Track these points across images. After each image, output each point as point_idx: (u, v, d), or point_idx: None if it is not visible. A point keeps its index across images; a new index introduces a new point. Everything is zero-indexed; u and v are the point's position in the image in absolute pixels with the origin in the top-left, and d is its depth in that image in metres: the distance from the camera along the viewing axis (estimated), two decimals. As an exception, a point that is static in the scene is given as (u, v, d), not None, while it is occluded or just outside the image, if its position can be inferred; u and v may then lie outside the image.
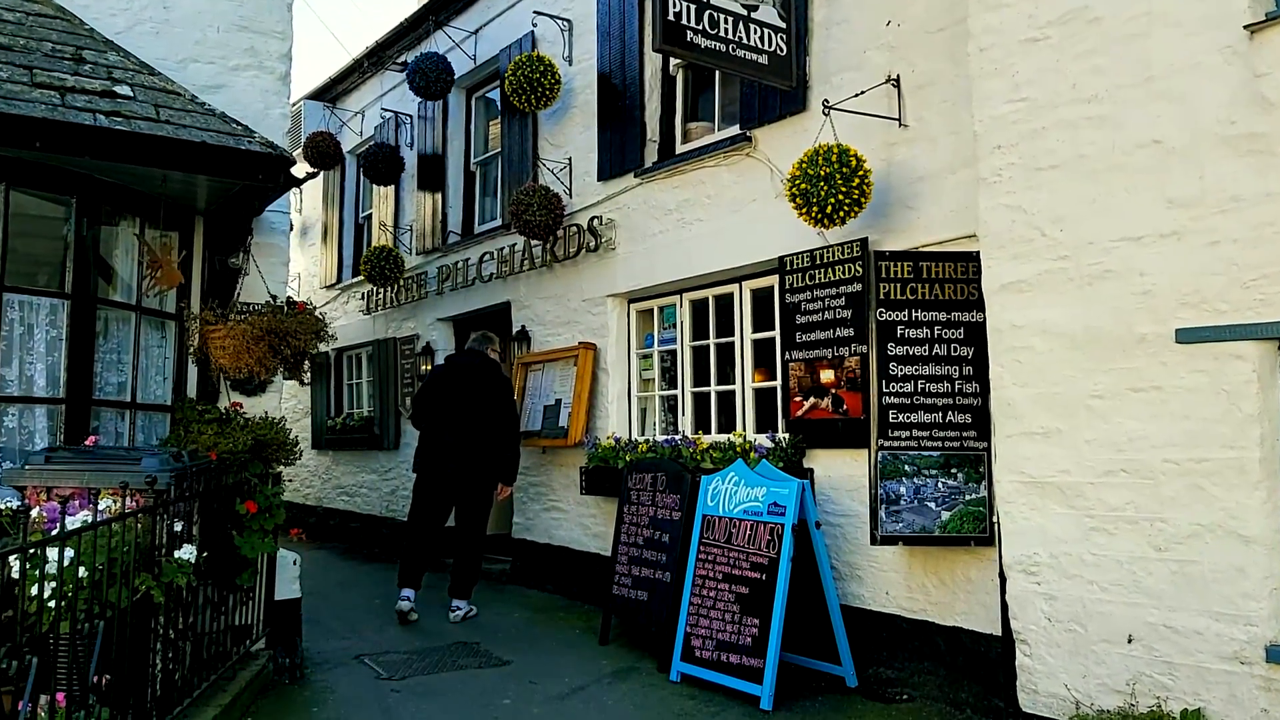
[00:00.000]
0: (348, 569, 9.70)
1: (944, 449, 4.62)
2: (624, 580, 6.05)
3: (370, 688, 5.32)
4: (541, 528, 8.02)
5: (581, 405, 7.32)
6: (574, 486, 7.59)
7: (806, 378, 5.53)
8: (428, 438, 7.00)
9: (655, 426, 7.21)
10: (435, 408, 7.01)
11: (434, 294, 9.72)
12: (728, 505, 5.30)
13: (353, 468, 11.43)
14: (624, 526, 6.18)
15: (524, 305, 8.39)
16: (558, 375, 7.79)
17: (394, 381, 10.38)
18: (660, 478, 5.98)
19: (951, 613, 4.76)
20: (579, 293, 7.69)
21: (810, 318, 5.52)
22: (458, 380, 7.00)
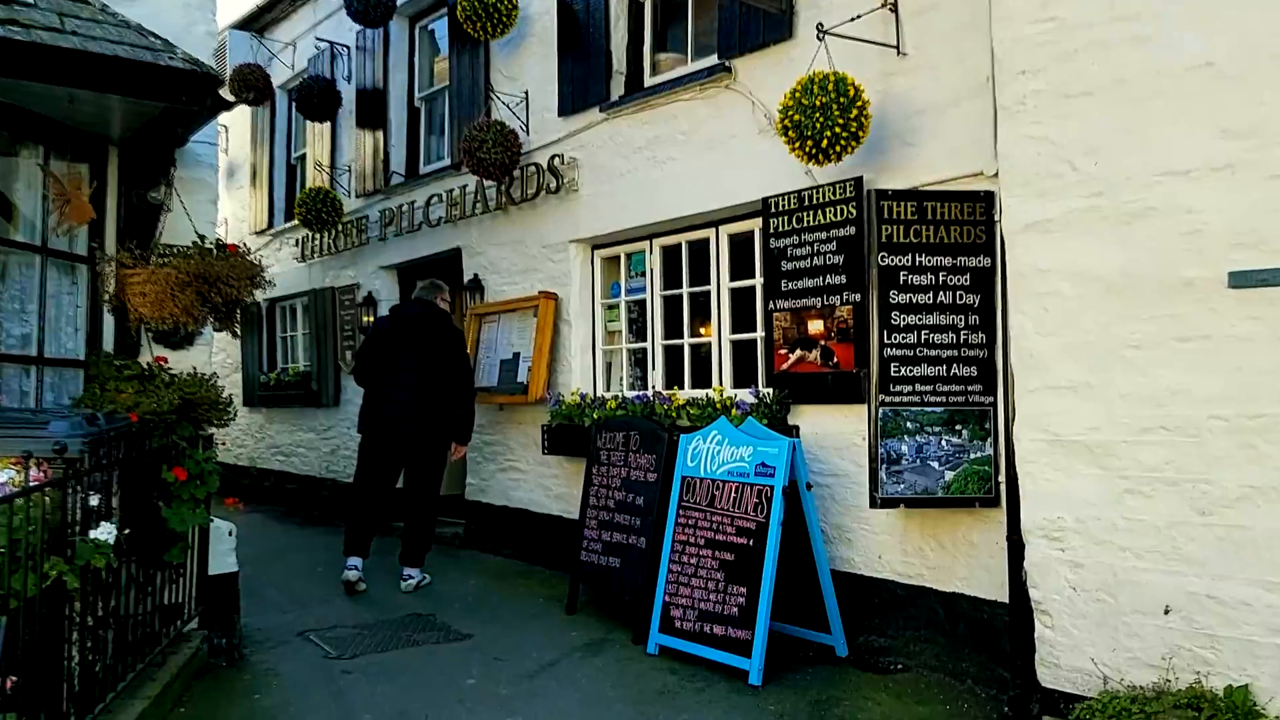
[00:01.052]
0: (287, 534, 9.17)
1: (948, 404, 4.31)
2: (593, 546, 5.68)
3: (318, 668, 4.88)
4: (498, 489, 7.60)
5: (542, 359, 6.87)
6: (534, 446, 7.17)
7: (793, 329, 5.16)
8: (373, 395, 6.50)
9: (623, 382, 6.81)
10: (380, 363, 6.51)
11: (376, 240, 9.12)
12: (710, 466, 4.94)
13: (289, 426, 10.83)
14: (593, 489, 5.80)
15: (476, 252, 7.87)
16: (515, 327, 7.32)
17: (333, 334, 9.78)
18: (633, 437, 5.59)
19: (951, 578, 4.49)
20: (538, 238, 7.20)
21: (798, 264, 5.14)
22: (404, 332, 6.49)
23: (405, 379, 6.38)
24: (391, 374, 6.43)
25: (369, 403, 6.53)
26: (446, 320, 6.61)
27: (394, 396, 6.38)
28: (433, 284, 6.81)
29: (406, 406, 6.35)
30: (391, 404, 6.38)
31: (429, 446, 6.47)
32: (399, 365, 6.42)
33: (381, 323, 6.75)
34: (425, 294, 6.75)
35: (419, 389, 6.37)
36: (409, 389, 6.37)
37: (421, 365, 6.39)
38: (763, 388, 5.39)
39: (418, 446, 6.43)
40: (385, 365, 6.47)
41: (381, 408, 6.42)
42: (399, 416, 6.35)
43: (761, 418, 5.15)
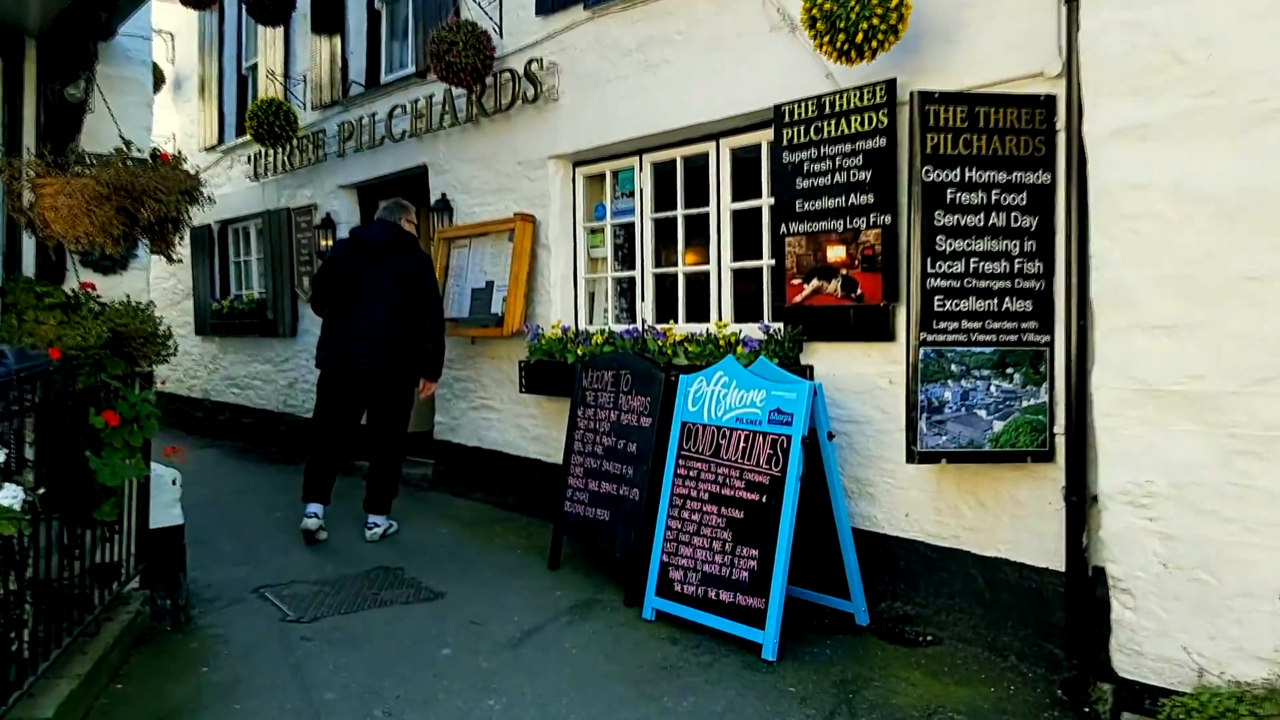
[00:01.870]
0: (241, 472, 8.46)
1: (999, 343, 3.68)
2: (579, 496, 5.05)
3: (275, 634, 4.26)
4: (469, 429, 6.93)
5: (519, 289, 6.14)
6: (509, 383, 6.49)
7: (809, 256, 4.49)
8: (333, 327, 5.76)
9: (608, 314, 6.12)
10: (339, 291, 5.76)
11: (334, 156, 8.23)
12: (715, 411, 4.30)
13: (244, 357, 10.02)
14: (578, 433, 5.15)
15: (444, 169, 7.05)
16: (488, 253, 6.57)
17: (289, 259, 8.94)
18: (625, 376, 4.92)
19: (992, 540, 3.93)
20: (513, 154, 6.40)
21: (816, 181, 4.44)
22: (366, 257, 5.74)
23: (367, 309, 5.65)
24: (351, 303, 5.69)
25: (327, 334, 5.79)
26: (413, 244, 5.85)
27: (354, 328, 5.66)
28: (397, 203, 6.04)
29: (368, 339, 5.63)
30: (352, 336, 5.65)
31: (394, 383, 5.77)
32: (359, 294, 5.68)
33: (340, 246, 5.97)
34: (389, 215, 5.98)
35: (382, 320, 5.64)
36: (371, 320, 5.64)
37: (385, 293, 5.66)
38: (771, 323, 4.73)
39: (382, 383, 5.73)
40: (344, 293, 5.73)
41: (341, 340, 5.69)
42: (360, 350, 5.63)
43: (771, 356, 4.51)
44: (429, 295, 5.76)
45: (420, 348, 5.77)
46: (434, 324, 5.79)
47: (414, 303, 5.71)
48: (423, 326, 5.75)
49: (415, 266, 5.73)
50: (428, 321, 5.76)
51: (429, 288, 5.76)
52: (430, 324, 5.77)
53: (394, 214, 5.97)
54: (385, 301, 5.66)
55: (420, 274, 5.73)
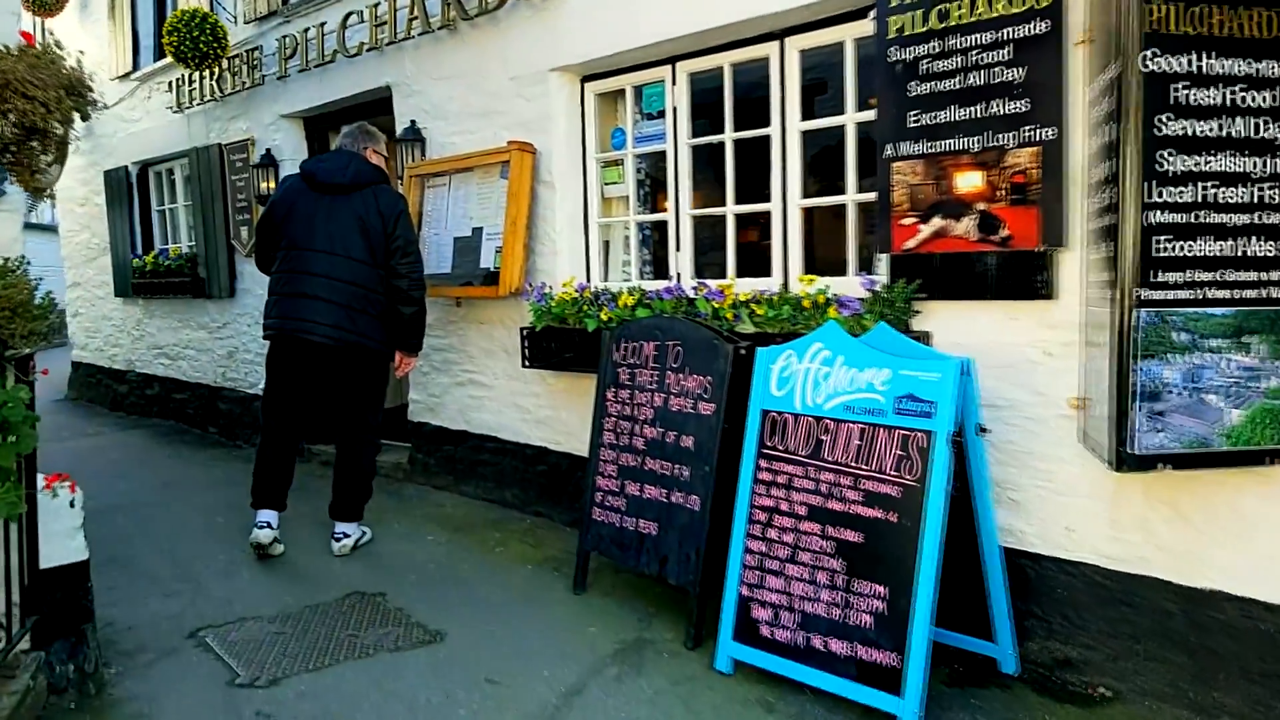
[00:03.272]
0: (174, 461, 7.26)
1: (1239, 301, 2.69)
2: (612, 502, 4.01)
3: (219, 707, 3.18)
4: (454, 408, 5.82)
5: (517, 237, 5.01)
6: (503, 354, 5.39)
7: (927, 185, 3.43)
8: (282, 288, 4.60)
9: (630, 268, 5.02)
10: (290, 242, 4.59)
11: (274, 79, 6.93)
12: (812, 396, 3.26)
13: (173, 322, 8.73)
14: (609, 421, 4.08)
15: (413, 90, 5.84)
16: (474, 192, 5.41)
17: (223, 206, 7.64)
18: (673, 349, 3.85)
19: (1202, 566, 2.97)
20: (503, 67, 5.22)
21: (939, 85, 3.37)
22: (322, 199, 4.58)
23: (324, 264, 4.50)
24: (304, 258, 4.53)
25: (275, 298, 4.63)
26: (382, 180, 4.68)
27: (308, 289, 4.50)
28: (361, 129, 4.85)
29: (327, 303, 4.49)
30: (305, 300, 4.50)
31: (362, 358, 4.64)
32: (314, 245, 4.52)
33: (287, 186, 4.76)
34: (350, 143, 4.80)
35: (344, 278, 4.50)
36: (329, 279, 4.49)
37: (347, 244, 4.51)
38: (874, 275, 3.68)
39: (346, 359, 4.60)
40: (295, 245, 4.57)
41: (291, 305, 4.53)
42: (317, 317, 4.49)
43: (873, 319, 3.48)
44: (405, 246, 4.61)
45: (394, 313, 4.64)
46: (411, 282, 4.65)
47: (385, 256, 4.57)
48: (397, 287, 4.61)
49: (386, 210, 4.58)
50: (404, 280, 4.62)
51: (404, 236, 4.61)
52: (407, 283, 4.64)
53: (357, 142, 4.79)
54: (347, 255, 4.51)
55: (393, 219, 4.58)
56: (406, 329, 4.71)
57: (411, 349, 4.82)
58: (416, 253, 4.68)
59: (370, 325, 4.58)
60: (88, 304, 10.24)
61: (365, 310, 4.55)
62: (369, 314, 4.57)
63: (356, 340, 4.54)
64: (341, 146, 4.81)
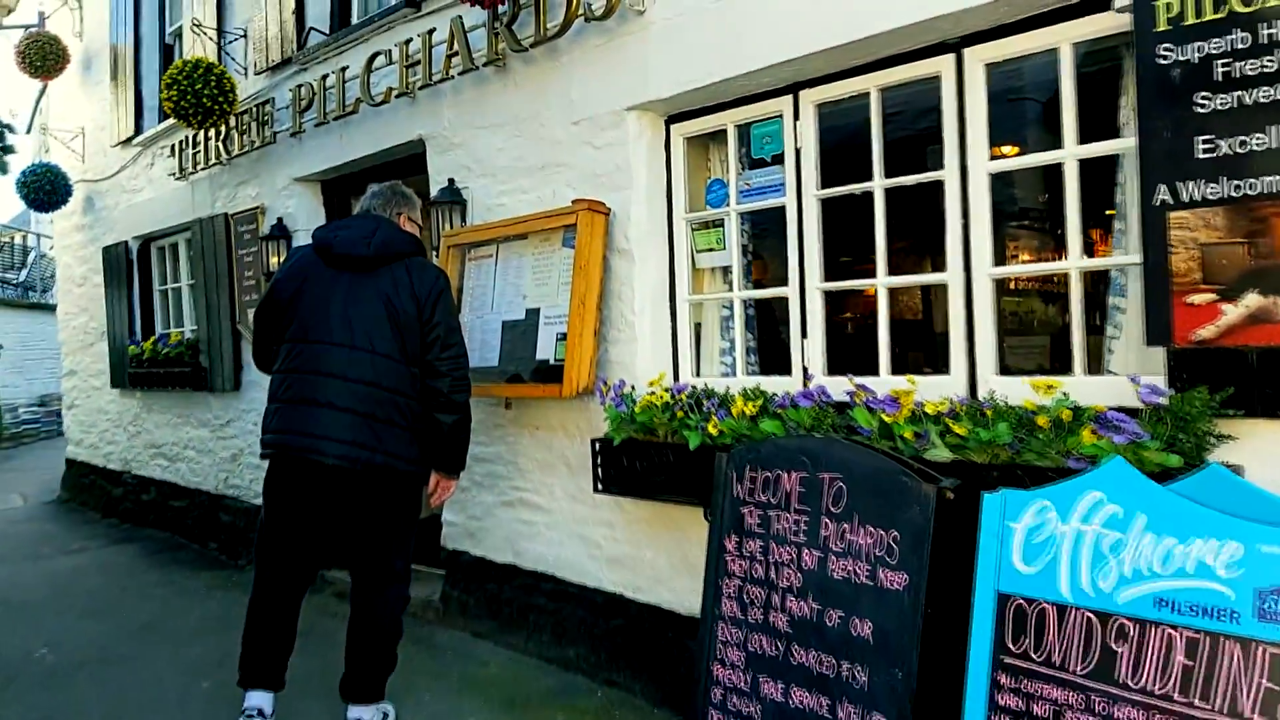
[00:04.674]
0: (162, 589, 6.13)
1: None
2: (737, 704, 2.81)
3: None
4: (500, 535, 4.67)
5: (586, 321, 3.91)
6: (565, 469, 4.26)
7: (1235, 247, 2.30)
8: (285, 392, 3.52)
9: (736, 360, 3.90)
10: (297, 332, 3.54)
11: (287, 136, 6.00)
12: (1094, 578, 2.09)
13: (172, 418, 7.72)
14: (730, 583, 2.92)
15: (451, 143, 4.84)
16: (529, 265, 4.35)
17: (229, 285, 6.67)
18: (832, 485, 2.70)
19: None
20: (566, 108, 4.20)
21: (1247, 95, 2.27)
22: (340, 278, 3.54)
23: (341, 362, 3.43)
24: (316, 353, 3.47)
25: (276, 406, 3.55)
26: (416, 251, 3.65)
27: (321, 395, 3.42)
28: (392, 189, 3.83)
29: (345, 414, 3.40)
30: (316, 409, 3.42)
31: (390, 485, 3.53)
32: (330, 337, 3.46)
33: (296, 260, 3.72)
34: (378, 206, 3.77)
35: (368, 381, 3.43)
36: (349, 381, 3.42)
37: (373, 335, 3.45)
38: (1149, 379, 2.53)
39: (369, 486, 3.50)
40: (303, 336, 3.51)
41: (296, 415, 3.45)
42: (332, 432, 3.40)
43: (1158, 448, 2.31)
44: (446, 336, 3.54)
45: (430, 423, 3.55)
46: (454, 383, 3.56)
47: (420, 349, 3.51)
48: (435, 389, 3.53)
49: (422, 290, 3.52)
50: (444, 381, 3.53)
51: (445, 324, 3.54)
52: (448, 384, 3.55)
53: (387, 205, 3.77)
54: (371, 348, 3.45)
55: (430, 302, 3.52)
56: (447, 444, 3.61)
57: (452, 469, 3.71)
58: (460, 345, 3.60)
59: (400, 441, 3.48)
60: (83, 395, 9.29)
61: (393, 421, 3.46)
62: (398, 426, 3.48)
63: (383, 462, 3.44)
64: (368, 209, 3.78)
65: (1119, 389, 2.63)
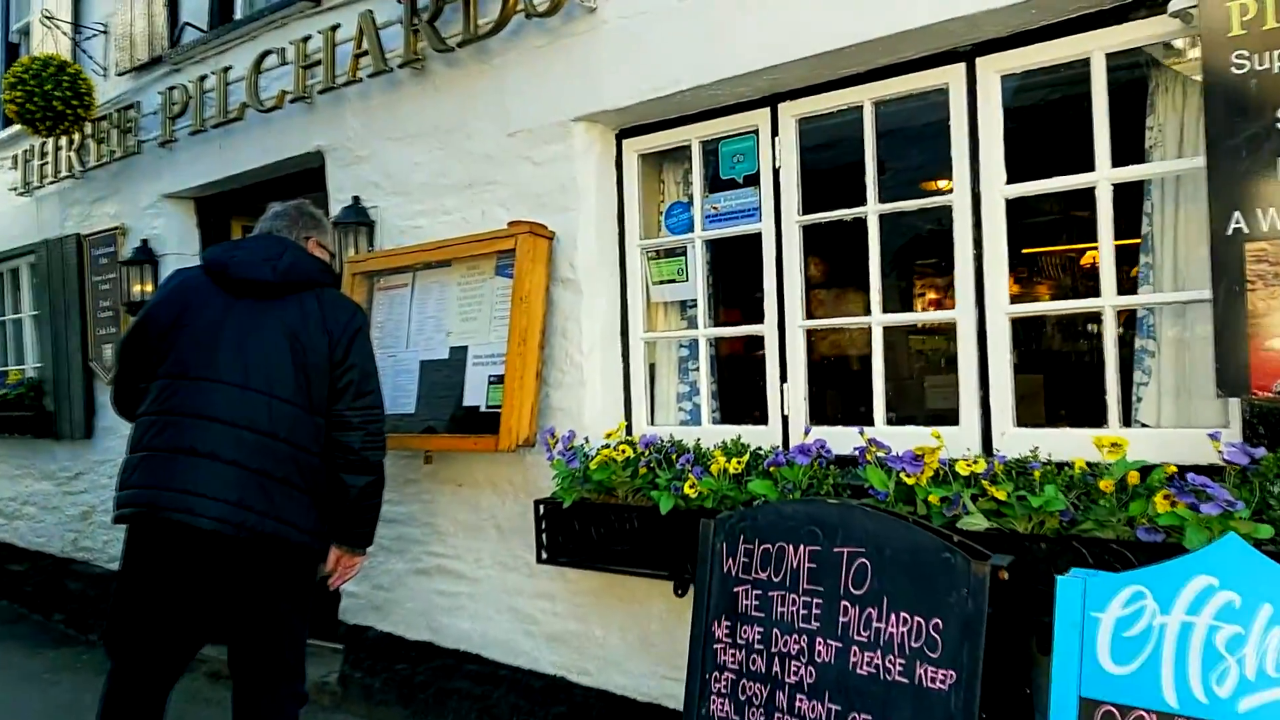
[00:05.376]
0: (-7, 678, 5.24)
1: None
2: (739, 827, 2.36)
3: None
4: (412, 608, 4.08)
5: (528, 361, 3.41)
6: (495, 532, 3.73)
7: (1326, 282, 2.03)
8: (154, 441, 2.85)
9: (700, 408, 3.47)
10: (175, 368, 2.90)
11: (155, 146, 5.28)
12: (1207, 682, 1.74)
13: (10, 468, 6.75)
14: (721, 678, 2.47)
15: (357, 156, 4.29)
16: (454, 296, 3.82)
17: (80, 316, 5.84)
18: (853, 562, 2.28)
19: None
20: (501, 117, 3.72)
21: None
22: (236, 306, 2.95)
23: (229, 405, 2.82)
24: (198, 393, 2.84)
25: (140, 457, 2.88)
26: (329, 281, 3.10)
27: (199, 443, 2.79)
28: (299, 209, 3.23)
29: (229, 468, 2.79)
30: (191, 461, 2.78)
31: (280, 559, 2.92)
32: (218, 374, 2.84)
33: (180, 283, 3.07)
34: (281, 227, 3.17)
35: (262, 430, 2.83)
36: (238, 429, 2.81)
37: (273, 375, 2.86)
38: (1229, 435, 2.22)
39: (253, 559, 2.87)
40: (183, 374, 2.88)
41: (166, 469, 2.80)
42: (209, 489, 2.77)
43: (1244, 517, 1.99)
44: (361, 382, 2.97)
45: (335, 486, 2.98)
46: (368, 439, 2.99)
47: (330, 396, 2.94)
48: (344, 445, 2.96)
49: (336, 325, 2.96)
50: (355, 435, 2.96)
51: (361, 368, 2.99)
52: (360, 440, 2.97)
53: (292, 227, 3.18)
54: (268, 390, 2.86)
55: (345, 340, 2.96)
56: (354, 512, 3.03)
57: (359, 543, 3.12)
58: (377, 394, 3.05)
59: (296, 506, 2.89)
60: (-101, 441, 8.12)
61: (289, 481, 2.87)
62: (295, 487, 2.89)
63: (273, 530, 2.84)
64: (270, 229, 3.19)
65: (1172, 444, 2.33)
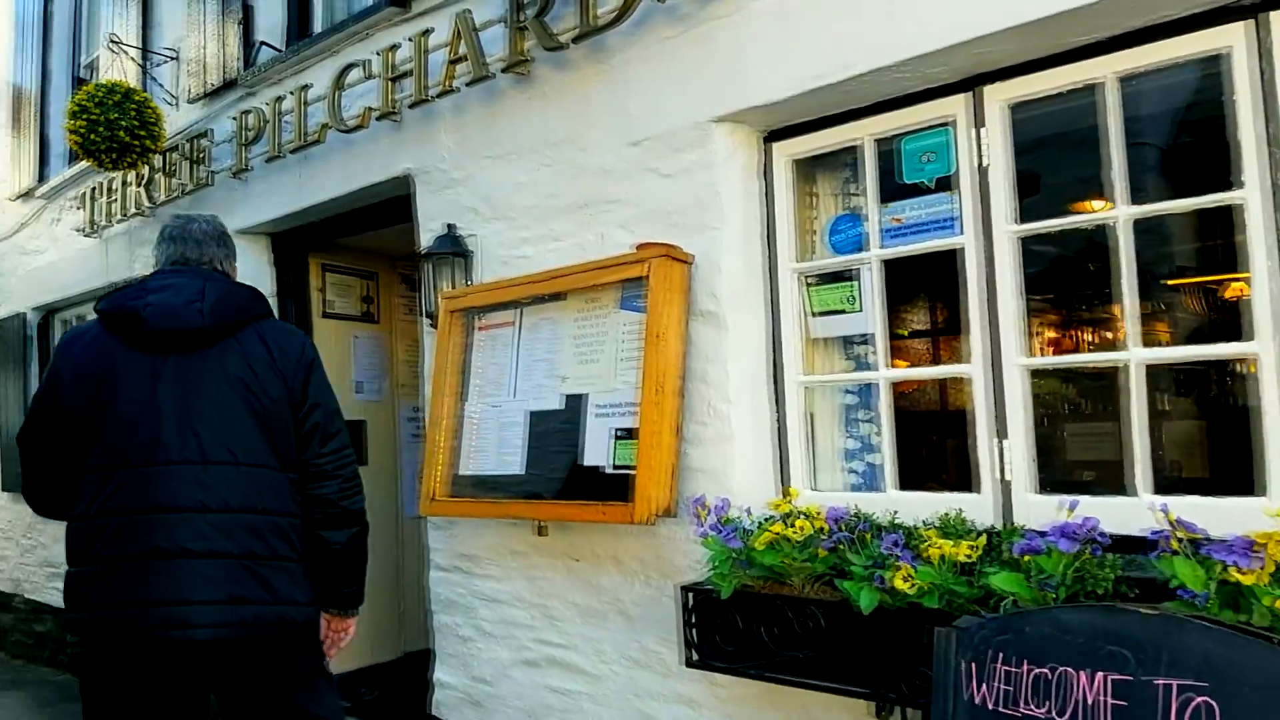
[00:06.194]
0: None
1: None
2: None
3: None
4: (518, 707, 3.48)
5: (665, 414, 2.82)
6: (620, 619, 3.13)
7: None
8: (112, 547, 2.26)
9: (885, 466, 2.83)
10: (109, 456, 2.31)
11: (228, 177, 4.86)
12: None
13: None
14: None
15: (451, 179, 3.79)
16: (568, 335, 3.26)
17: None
18: (1196, 703, 1.61)
19: None
20: (622, 122, 3.18)
21: None
22: (163, 365, 2.36)
23: (188, 485, 2.29)
24: (144, 479, 2.28)
25: (94, 565, 2.28)
26: (264, 311, 2.56)
27: (165, 539, 2.25)
28: (214, 226, 2.63)
29: (209, 559, 2.27)
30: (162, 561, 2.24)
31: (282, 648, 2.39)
32: (164, 453, 2.30)
33: (79, 352, 2.41)
34: (193, 254, 2.55)
35: (235, 503, 2.32)
36: (206, 510, 2.29)
37: (234, 437, 2.36)
38: None
39: (253, 657, 2.35)
40: (120, 461, 2.30)
41: (136, 577, 2.24)
42: (194, 590, 2.24)
43: None
44: (327, 422, 2.49)
45: (314, 544, 2.45)
46: (345, 486, 2.49)
47: (295, 446, 2.44)
48: (321, 498, 2.45)
49: (288, 362, 2.46)
50: (331, 484, 2.47)
51: (325, 405, 2.51)
52: (337, 489, 2.47)
53: (205, 248, 2.58)
54: (232, 458, 2.35)
55: (302, 377, 2.47)
56: (341, 571, 2.50)
57: (350, 604, 2.56)
58: (345, 431, 2.54)
59: (292, 580, 2.38)
60: (-37, 498, 7.88)
61: (277, 555, 2.36)
62: (286, 560, 2.38)
63: (275, 616, 2.32)
64: (184, 258, 2.54)
65: None
